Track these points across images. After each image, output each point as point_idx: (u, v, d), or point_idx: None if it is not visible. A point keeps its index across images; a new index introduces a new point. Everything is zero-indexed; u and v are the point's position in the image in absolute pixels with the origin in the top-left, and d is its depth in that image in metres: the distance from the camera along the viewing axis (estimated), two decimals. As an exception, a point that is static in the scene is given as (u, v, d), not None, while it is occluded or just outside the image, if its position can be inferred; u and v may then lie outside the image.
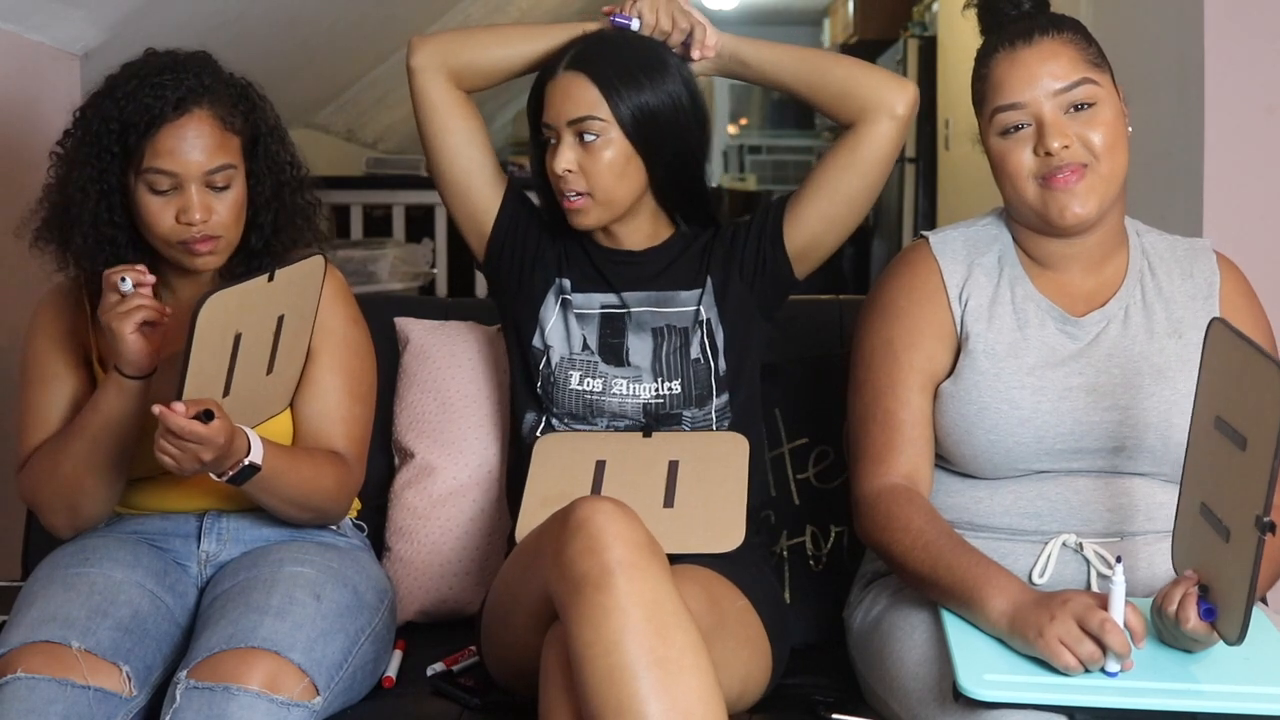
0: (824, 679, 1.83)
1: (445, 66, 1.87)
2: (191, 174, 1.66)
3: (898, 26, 7.08)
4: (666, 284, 1.90)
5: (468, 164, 1.90)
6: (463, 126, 1.89)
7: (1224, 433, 1.39)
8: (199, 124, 1.67)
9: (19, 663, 1.53)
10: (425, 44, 1.88)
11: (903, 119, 1.81)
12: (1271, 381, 1.30)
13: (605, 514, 1.48)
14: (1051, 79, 1.63)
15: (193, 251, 1.69)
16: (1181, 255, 1.77)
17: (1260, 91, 2.63)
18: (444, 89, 1.87)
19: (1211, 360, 1.44)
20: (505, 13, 5.71)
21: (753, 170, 10.24)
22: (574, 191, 1.80)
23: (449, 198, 1.93)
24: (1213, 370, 1.44)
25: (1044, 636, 1.43)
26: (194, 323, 1.47)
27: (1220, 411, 1.40)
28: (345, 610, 1.67)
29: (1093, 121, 1.63)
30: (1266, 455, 1.30)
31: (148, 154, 1.65)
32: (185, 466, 1.56)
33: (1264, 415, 1.31)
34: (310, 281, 1.64)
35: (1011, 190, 1.67)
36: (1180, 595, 1.44)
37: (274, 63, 3.64)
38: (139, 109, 1.64)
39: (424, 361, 2.11)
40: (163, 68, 1.68)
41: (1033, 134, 1.64)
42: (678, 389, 1.85)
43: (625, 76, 1.79)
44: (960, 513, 1.71)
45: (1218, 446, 1.40)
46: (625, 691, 1.39)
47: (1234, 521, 1.37)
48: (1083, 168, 1.63)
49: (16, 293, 2.16)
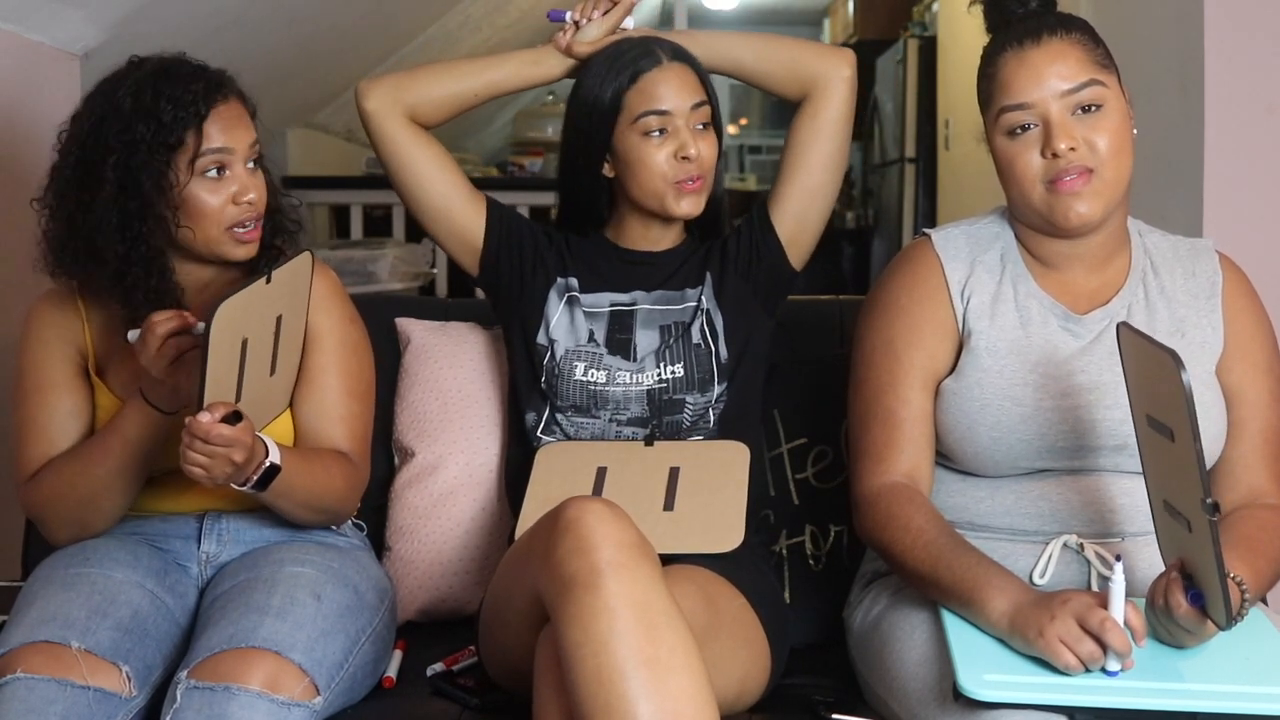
0: (824, 679, 1.83)
1: (399, 104, 1.92)
2: (241, 151, 1.70)
3: (898, 26, 7.09)
4: (676, 284, 1.94)
5: (443, 188, 1.94)
6: (427, 155, 1.93)
7: (1156, 429, 1.42)
8: (234, 105, 1.72)
9: (19, 663, 1.53)
10: (375, 86, 1.93)
11: (849, 79, 1.93)
12: (1169, 369, 1.33)
13: (595, 514, 1.48)
14: (1059, 80, 1.62)
15: (241, 238, 1.71)
16: (1184, 255, 1.77)
17: (1260, 91, 2.63)
18: (402, 126, 1.92)
19: (1129, 364, 1.47)
20: (505, 13, 5.71)
21: (753, 170, 10.25)
22: (698, 174, 1.87)
23: (432, 225, 1.97)
24: (1132, 373, 1.47)
25: (1044, 636, 1.43)
26: (207, 333, 1.47)
27: (1148, 410, 1.43)
28: (346, 610, 1.67)
29: (1099, 125, 1.63)
30: (1188, 439, 1.33)
31: (204, 139, 1.67)
32: (217, 473, 1.56)
33: (1175, 402, 1.34)
34: (301, 278, 1.66)
35: (1018, 193, 1.67)
36: (1164, 585, 1.45)
37: (274, 63, 3.64)
38: (181, 103, 1.65)
39: (425, 361, 2.11)
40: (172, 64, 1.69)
41: (1039, 135, 1.63)
42: (680, 372, 1.87)
43: (709, 77, 1.92)
44: (961, 513, 1.71)
45: (1157, 444, 1.43)
46: (614, 692, 1.39)
47: (1188, 511, 1.39)
48: (1088, 171, 1.62)
49: (16, 293, 2.16)
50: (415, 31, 5.03)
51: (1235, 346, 1.72)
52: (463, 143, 6.92)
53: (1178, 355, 1.33)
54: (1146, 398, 1.44)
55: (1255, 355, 1.72)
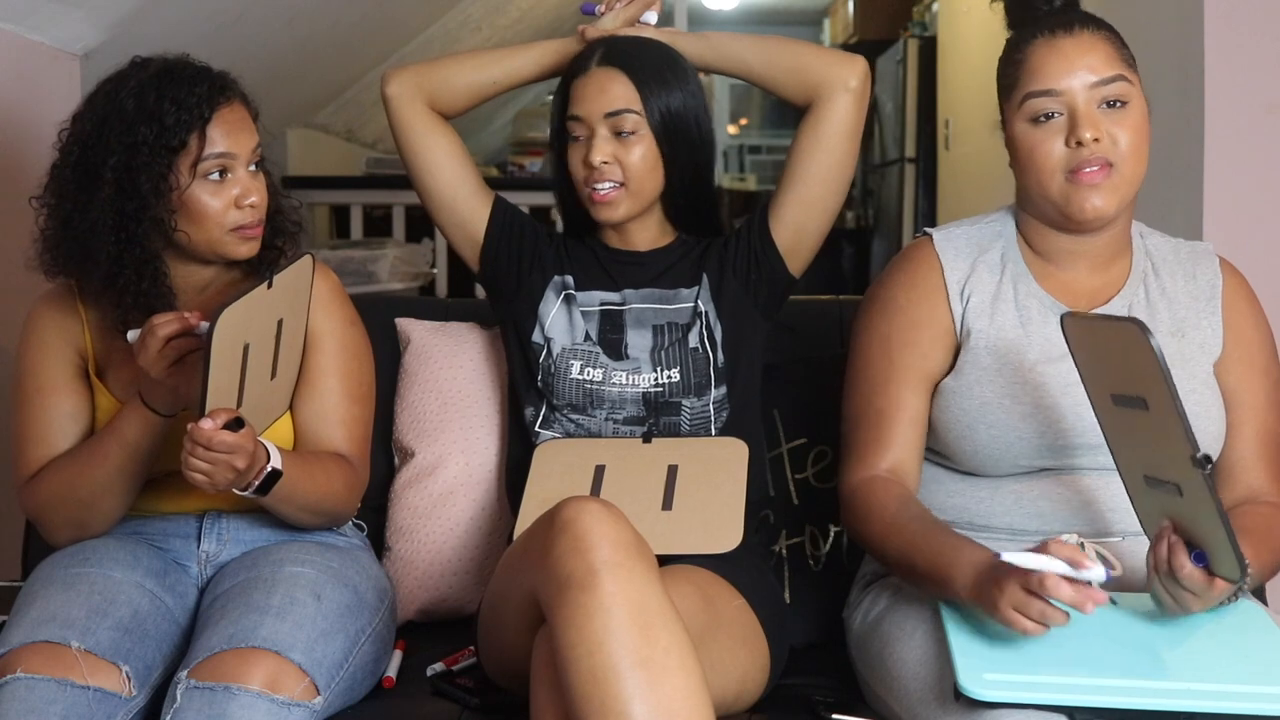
0: (824, 679, 1.83)
1: (421, 91, 1.95)
2: (244, 154, 1.69)
3: (898, 26, 7.09)
4: (667, 283, 1.93)
5: (451, 176, 1.95)
6: (442, 143, 1.95)
7: (1124, 405, 1.42)
8: (238, 108, 1.71)
9: (19, 663, 1.53)
10: (399, 72, 1.96)
11: (856, 91, 1.87)
12: (1135, 337, 1.34)
13: (591, 514, 1.48)
14: (1089, 71, 1.63)
15: (245, 236, 1.71)
16: (1185, 257, 1.77)
17: (1260, 91, 2.63)
18: (421, 112, 1.95)
19: (1079, 353, 1.47)
20: (505, 13, 5.71)
21: (753, 170, 10.25)
22: (610, 183, 1.85)
23: (438, 212, 1.98)
24: (1084, 360, 1.47)
25: (1000, 610, 1.43)
26: (210, 341, 1.47)
27: (1111, 389, 1.44)
28: (346, 610, 1.67)
29: (1123, 121, 1.63)
30: (1168, 401, 1.34)
31: (206, 143, 1.66)
32: (219, 480, 1.56)
33: (1146, 369, 1.35)
34: (302, 282, 1.65)
35: (1034, 181, 1.66)
36: (1165, 547, 1.44)
37: (274, 63, 3.64)
38: (183, 106, 1.65)
39: (425, 361, 2.11)
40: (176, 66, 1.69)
41: (1064, 124, 1.63)
42: (676, 377, 1.87)
43: (657, 77, 1.86)
44: (961, 513, 1.71)
45: (1128, 419, 1.43)
46: (610, 692, 1.39)
47: (1178, 474, 1.39)
48: (1108, 165, 1.63)
49: (16, 294, 2.16)
50: (415, 31, 5.02)
51: (1234, 348, 1.73)
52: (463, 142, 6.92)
53: (1141, 322, 1.33)
54: (1108, 378, 1.44)
55: (1253, 357, 1.73)
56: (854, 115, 1.88)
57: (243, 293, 1.51)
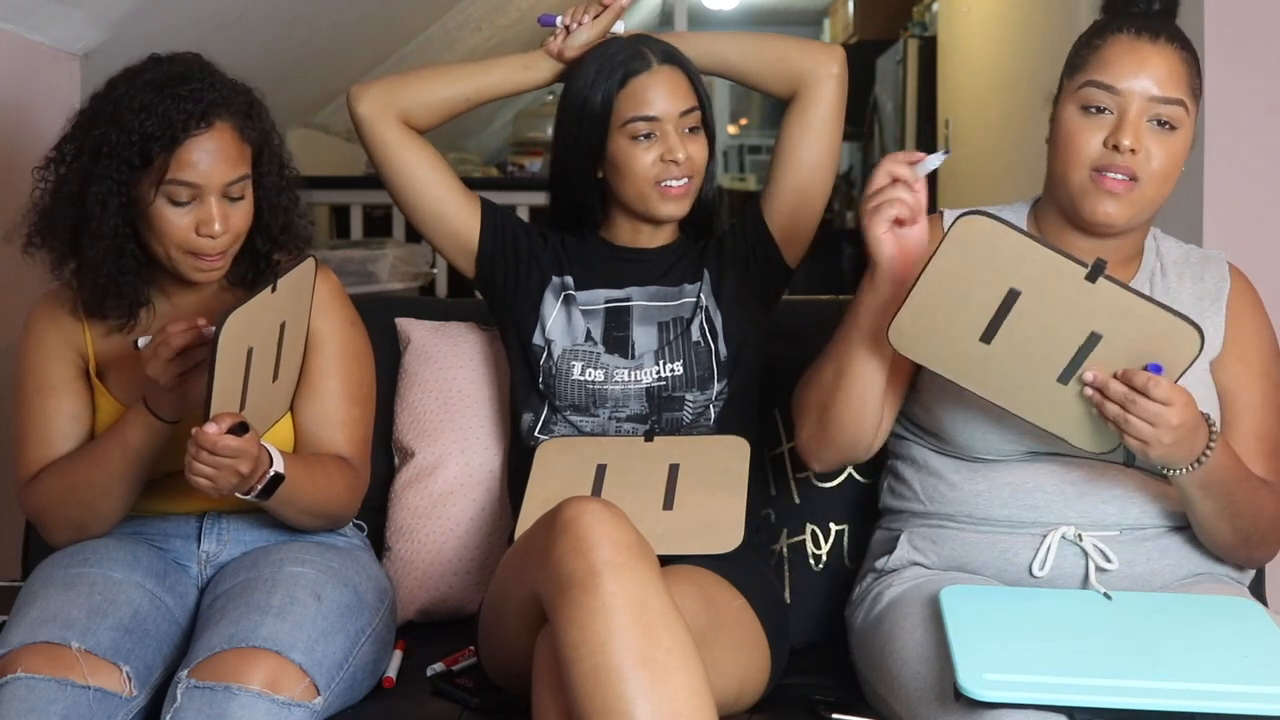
0: (824, 679, 1.83)
1: (393, 108, 1.92)
2: (214, 186, 1.64)
3: (898, 26, 7.09)
4: (672, 280, 1.94)
5: (436, 191, 1.93)
6: (423, 158, 1.93)
7: (1007, 309, 1.47)
8: (221, 136, 1.65)
9: (19, 663, 1.53)
10: (367, 91, 1.92)
11: (838, 77, 1.91)
12: (986, 225, 1.44)
13: (593, 514, 1.48)
14: (1155, 84, 1.63)
15: (202, 266, 1.68)
16: (1195, 262, 1.79)
17: (1260, 92, 2.63)
18: (396, 130, 1.92)
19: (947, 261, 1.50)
20: (505, 13, 5.71)
21: (753, 170, 10.25)
22: (686, 178, 1.87)
23: (427, 227, 1.96)
24: (956, 286, 1.49)
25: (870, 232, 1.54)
26: (215, 345, 1.47)
27: (990, 304, 1.48)
28: (346, 610, 1.67)
29: (1166, 144, 1.63)
30: (1042, 258, 1.43)
31: (172, 166, 1.62)
32: (222, 484, 1.56)
33: (1017, 256, 1.44)
34: (304, 284, 1.65)
35: (1062, 165, 1.67)
36: (1117, 385, 1.48)
37: (274, 63, 3.64)
38: (161, 121, 1.61)
39: (425, 361, 2.11)
40: (176, 78, 1.65)
41: (1111, 123, 1.63)
42: (680, 370, 1.87)
43: (699, 75, 1.90)
44: (960, 505, 1.72)
45: (1015, 335, 1.49)
46: (612, 692, 1.39)
47: (1084, 323, 1.46)
48: (1134, 179, 1.63)
49: (15, 293, 2.16)
50: (415, 31, 5.03)
51: (1233, 347, 1.73)
52: (463, 143, 6.91)
53: (985, 211, 1.44)
54: (984, 293, 1.48)
55: (1251, 358, 1.74)
56: (838, 100, 1.92)
57: (247, 297, 1.52)
